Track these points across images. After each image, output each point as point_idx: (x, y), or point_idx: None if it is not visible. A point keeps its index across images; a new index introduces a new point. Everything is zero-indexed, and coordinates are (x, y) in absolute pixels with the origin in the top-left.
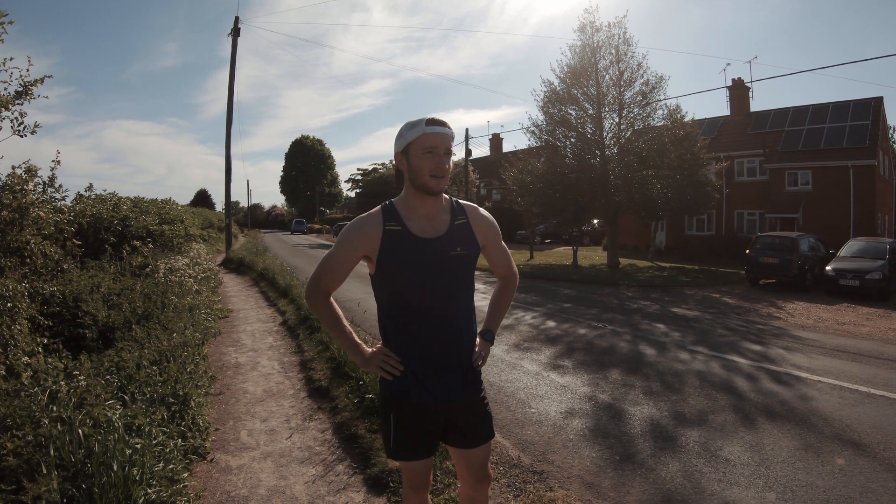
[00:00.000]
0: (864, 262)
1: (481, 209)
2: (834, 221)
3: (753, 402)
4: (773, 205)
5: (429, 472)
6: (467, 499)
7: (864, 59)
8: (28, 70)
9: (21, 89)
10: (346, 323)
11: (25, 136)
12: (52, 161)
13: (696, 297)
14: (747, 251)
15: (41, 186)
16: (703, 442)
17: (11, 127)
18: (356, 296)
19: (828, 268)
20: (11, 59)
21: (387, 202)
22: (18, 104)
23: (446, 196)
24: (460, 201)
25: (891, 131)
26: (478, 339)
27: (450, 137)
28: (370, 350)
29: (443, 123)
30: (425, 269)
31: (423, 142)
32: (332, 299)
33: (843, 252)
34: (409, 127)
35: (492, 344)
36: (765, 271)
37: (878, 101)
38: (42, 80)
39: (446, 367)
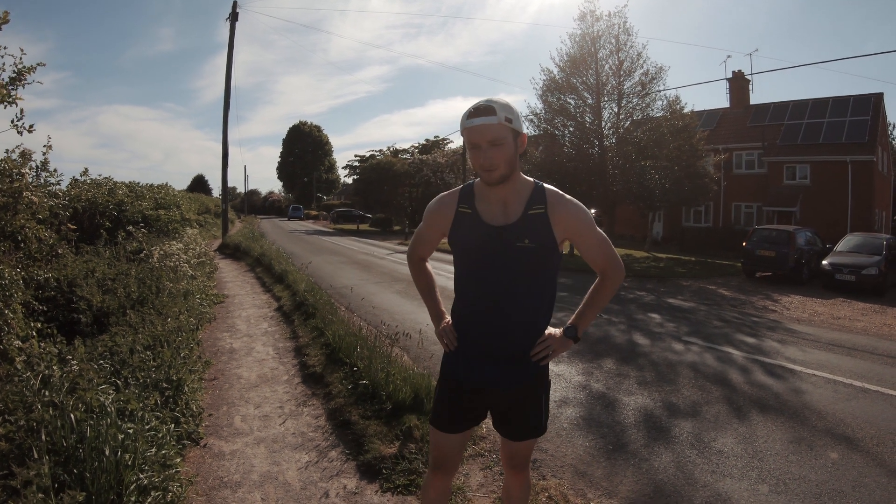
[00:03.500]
0: (860, 258)
1: (568, 197)
2: (831, 216)
3: (747, 394)
4: (770, 198)
5: (453, 455)
6: (506, 483)
7: (864, 55)
8: (21, 59)
9: (15, 76)
10: (437, 292)
11: (23, 132)
12: (44, 146)
13: (692, 289)
14: (744, 243)
15: (34, 171)
16: (696, 433)
17: (12, 122)
18: (351, 282)
19: (824, 262)
20: (5, 47)
21: (470, 181)
22: (12, 89)
23: (531, 180)
24: (546, 187)
25: (890, 128)
26: (551, 331)
27: (491, 127)
28: (444, 322)
29: (484, 111)
30: (486, 256)
31: (467, 137)
32: (427, 266)
33: (839, 247)
34: (464, 116)
35: (574, 341)
36: (761, 264)
37: (878, 97)
38: (34, 69)
39: (493, 353)
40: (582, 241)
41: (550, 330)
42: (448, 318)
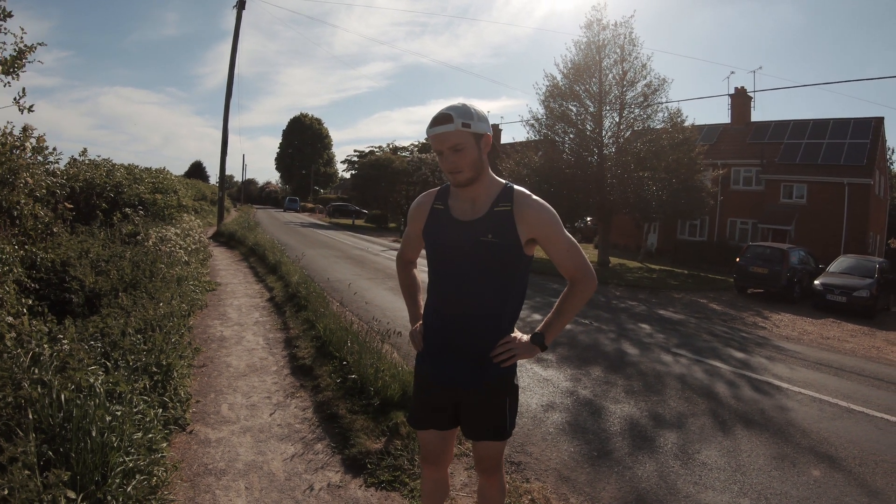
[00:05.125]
0: (852, 279)
1: (536, 198)
2: (826, 236)
3: (733, 408)
4: (766, 215)
5: (440, 448)
6: (480, 486)
7: (867, 79)
8: (22, 38)
9: (15, 54)
10: (419, 297)
11: (23, 112)
12: (39, 133)
13: (683, 301)
14: (737, 259)
15: (30, 151)
16: (681, 444)
17: (14, 100)
18: (344, 277)
19: (816, 282)
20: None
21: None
22: (13, 72)
23: (502, 181)
24: (515, 188)
25: (890, 152)
26: (517, 335)
27: (449, 135)
28: (418, 324)
29: (441, 120)
30: (452, 249)
31: (432, 144)
32: (414, 271)
33: (832, 267)
34: (428, 125)
35: (540, 348)
36: (753, 281)
37: (878, 121)
38: (33, 49)
39: (454, 349)
40: (549, 245)
41: (517, 333)
42: (419, 320)
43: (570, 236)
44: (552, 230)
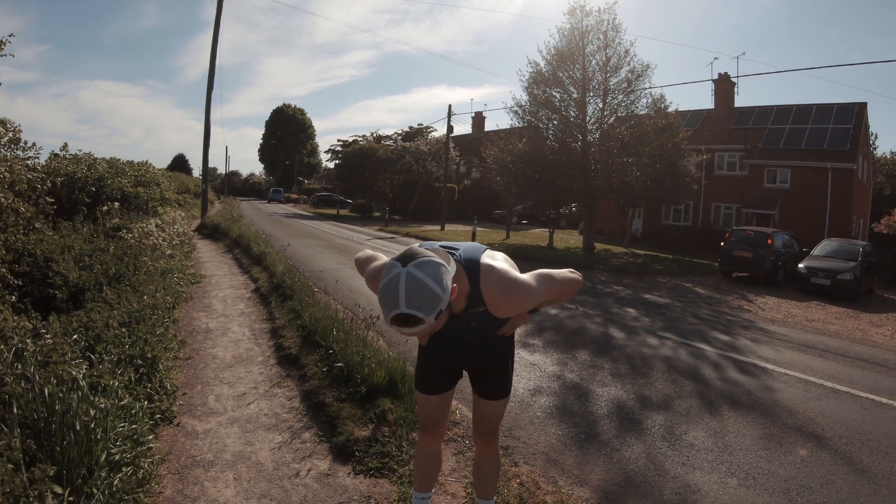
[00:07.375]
0: (836, 263)
1: (503, 288)
2: (809, 221)
3: (719, 390)
4: (750, 200)
5: (440, 412)
6: (476, 456)
7: (850, 64)
8: None
9: None
10: None
11: None
12: (16, 124)
13: (669, 285)
14: (721, 244)
15: (7, 146)
16: (668, 426)
17: None
18: (329, 265)
19: (800, 265)
20: None
21: None
22: None
23: (463, 271)
24: (482, 286)
25: (872, 137)
26: None
27: (418, 331)
28: None
29: (411, 322)
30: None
31: (398, 331)
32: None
33: (816, 251)
34: (390, 318)
35: (533, 313)
36: (738, 264)
37: (861, 107)
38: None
39: (460, 344)
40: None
41: None
42: None
43: (539, 282)
44: (528, 302)
